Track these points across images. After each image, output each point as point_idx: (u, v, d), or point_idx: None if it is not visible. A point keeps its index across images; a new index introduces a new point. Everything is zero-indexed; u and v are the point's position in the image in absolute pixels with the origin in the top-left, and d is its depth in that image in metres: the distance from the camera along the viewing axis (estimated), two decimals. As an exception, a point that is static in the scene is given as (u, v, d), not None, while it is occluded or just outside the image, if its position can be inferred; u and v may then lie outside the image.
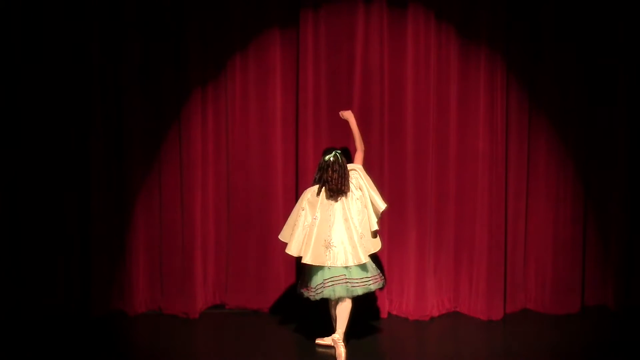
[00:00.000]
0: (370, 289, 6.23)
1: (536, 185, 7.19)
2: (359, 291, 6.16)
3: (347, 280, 6.10)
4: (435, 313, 7.17)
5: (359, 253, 6.09)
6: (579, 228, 7.20)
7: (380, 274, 6.29)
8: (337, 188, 6.16)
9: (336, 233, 6.10)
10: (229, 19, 7.06)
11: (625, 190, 7.16)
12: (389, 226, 7.08)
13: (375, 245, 6.27)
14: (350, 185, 6.21)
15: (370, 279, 6.19)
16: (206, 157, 7.15)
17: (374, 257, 6.40)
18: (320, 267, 6.12)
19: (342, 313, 6.21)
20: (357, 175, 6.28)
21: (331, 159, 6.20)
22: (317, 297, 6.17)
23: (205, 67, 7.08)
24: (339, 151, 6.27)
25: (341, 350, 6.13)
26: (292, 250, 6.20)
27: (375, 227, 6.22)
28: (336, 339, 6.17)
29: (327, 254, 6.07)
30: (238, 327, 6.91)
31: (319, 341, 6.46)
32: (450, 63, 7.08)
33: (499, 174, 7.07)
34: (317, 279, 6.14)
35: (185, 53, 7.01)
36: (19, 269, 7.00)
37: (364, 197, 6.23)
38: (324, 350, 6.35)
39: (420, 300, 7.12)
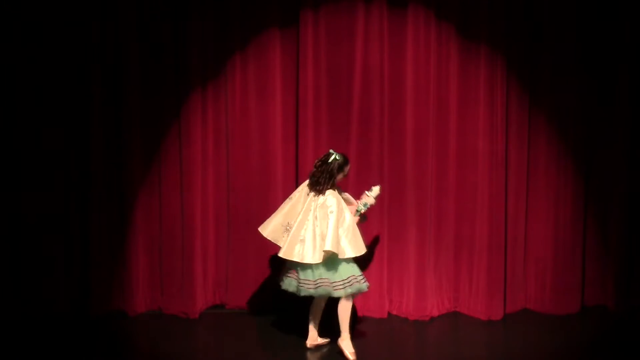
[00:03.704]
0: (347, 292, 6.12)
1: (536, 184, 7.19)
2: (322, 292, 6.11)
3: (318, 281, 6.08)
4: (435, 313, 7.16)
5: (318, 253, 6.03)
6: (579, 228, 7.20)
7: (356, 277, 6.15)
8: (316, 180, 6.18)
9: (309, 229, 6.09)
10: (229, 18, 7.05)
11: (625, 190, 7.16)
12: (388, 226, 7.08)
13: (358, 249, 6.15)
14: (328, 194, 6.15)
15: (341, 282, 6.11)
16: (206, 157, 7.14)
17: (363, 260, 6.43)
18: (309, 266, 6.09)
19: (342, 314, 6.20)
20: (337, 198, 6.15)
21: (324, 156, 6.25)
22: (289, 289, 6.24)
23: (205, 67, 7.07)
24: (333, 152, 6.26)
25: (347, 353, 6.15)
26: (266, 230, 6.31)
27: (329, 247, 6.00)
28: (340, 343, 6.18)
29: (296, 246, 6.08)
30: (238, 327, 6.91)
31: (311, 343, 6.43)
32: (450, 62, 7.08)
33: (499, 174, 7.07)
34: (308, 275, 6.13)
35: (185, 53, 7.00)
36: (19, 269, 7.00)
37: (337, 214, 6.09)
38: (323, 350, 6.36)
39: (420, 300, 7.12)
